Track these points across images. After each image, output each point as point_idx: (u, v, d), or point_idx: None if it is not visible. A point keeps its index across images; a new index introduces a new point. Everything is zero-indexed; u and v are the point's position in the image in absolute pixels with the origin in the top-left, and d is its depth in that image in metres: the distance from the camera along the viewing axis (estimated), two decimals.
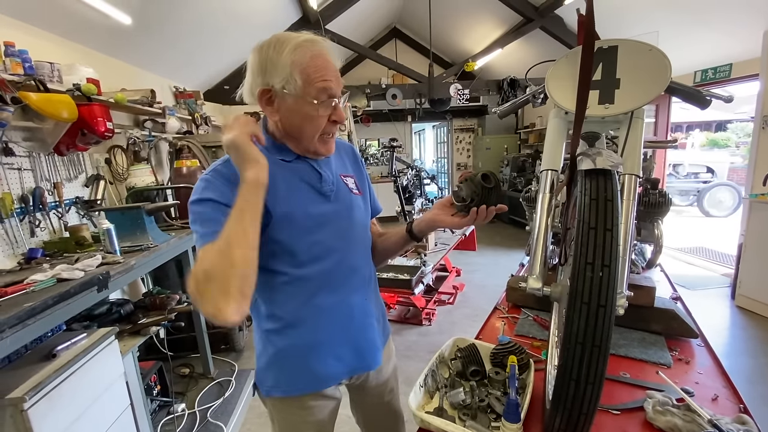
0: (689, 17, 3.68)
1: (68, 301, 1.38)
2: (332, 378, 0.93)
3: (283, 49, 0.77)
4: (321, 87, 0.78)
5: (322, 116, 0.81)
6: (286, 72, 0.76)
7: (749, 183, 3.53)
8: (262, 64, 0.79)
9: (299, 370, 0.89)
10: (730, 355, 2.65)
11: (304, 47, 0.77)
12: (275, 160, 0.84)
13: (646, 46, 0.94)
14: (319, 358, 0.90)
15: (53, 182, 2.12)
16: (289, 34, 0.80)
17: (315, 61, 0.78)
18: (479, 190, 0.82)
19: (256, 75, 0.80)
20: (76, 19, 2.34)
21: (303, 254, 0.84)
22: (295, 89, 0.77)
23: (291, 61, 0.76)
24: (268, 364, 0.91)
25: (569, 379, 0.61)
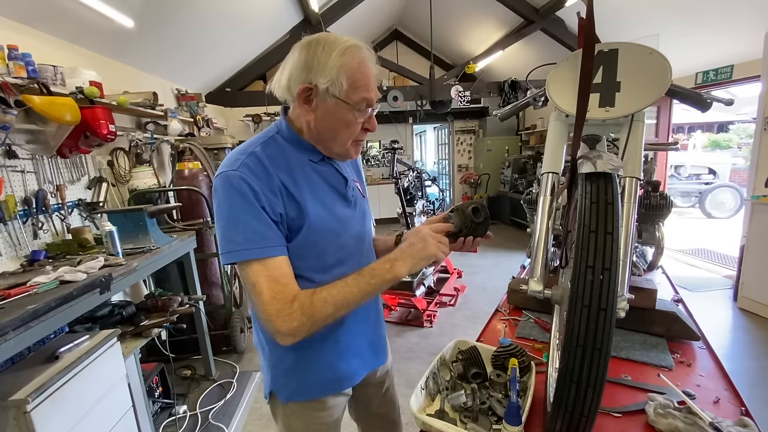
0: (690, 19, 3.68)
1: (71, 303, 1.38)
2: (355, 376, 0.96)
3: (333, 51, 0.76)
4: (364, 96, 0.78)
5: (358, 123, 0.81)
6: (333, 73, 0.75)
7: (751, 184, 3.52)
8: (308, 61, 0.77)
9: (324, 372, 0.90)
10: (732, 358, 2.65)
11: (352, 52, 0.77)
12: (302, 158, 0.84)
13: (646, 50, 0.94)
14: (344, 359, 0.92)
15: (56, 185, 2.13)
16: (337, 36, 0.80)
17: (361, 68, 0.78)
18: (468, 223, 0.86)
19: (300, 71, 0.77)
20: (79, 22, 2.35)
21: (330, 257, 0.85)
22: (340, 92, 0.77)
23: (340, 64, 0.75)
24: (290, 370, 0.90)
25: (570, 382, 0.61)
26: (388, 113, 7.49)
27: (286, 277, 0.75)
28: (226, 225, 0.74)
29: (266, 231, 0.74)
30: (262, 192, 0.74)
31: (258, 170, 0.76)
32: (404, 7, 6.80)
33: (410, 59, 7.48)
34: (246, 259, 0.73)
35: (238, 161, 0.76)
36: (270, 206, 0.75)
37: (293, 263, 0.80)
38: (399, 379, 2.35)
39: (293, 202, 0.79)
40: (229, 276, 3.09)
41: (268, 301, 0.72)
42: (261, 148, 0.80)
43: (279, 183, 0.77)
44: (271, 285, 0.73)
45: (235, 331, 2.88)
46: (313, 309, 0.73)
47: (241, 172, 0.74)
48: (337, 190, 0.89)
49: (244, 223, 0.73)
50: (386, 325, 1.13)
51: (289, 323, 0.72)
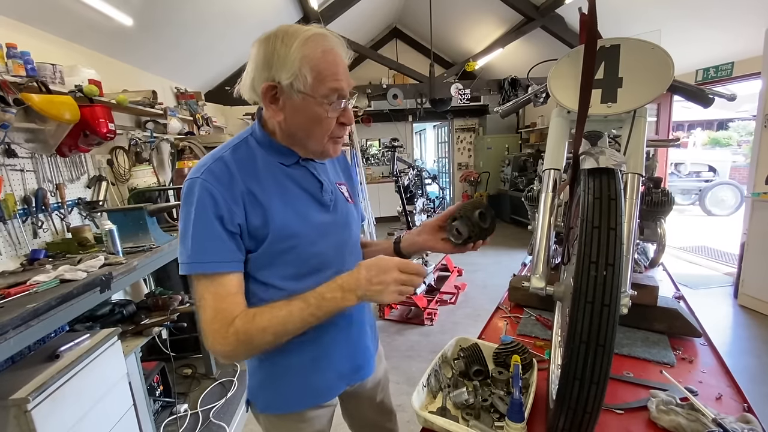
0: (691, 15, 3.67)
1: (71, 302, 1.38)
2: (332, 390, 0.93)
3: (292, 42, 0.70)
4: (332, 87, 0.72)
5: (331, 118, 0.75)
6: (295, 67, 0.70)
7: (751, 182, 3.52)
8: (267, 57, 0.71)
9: (299, 386, 0.87)
10: (733, 355, 2.65)
11: (315, 41, 0.71)
12: (273, 162, 0.79)
13: (648, 45, 0.93)
14: (320, 373, 0.88)
15: (56, 183, 2.12)
16: (298, 26, 0.73)
17: (326, 56, 0.71)
18: (477, 230, 0.85)
19: (261, 69, 0.72)
20: (78, 20, 2.34)
21: (302, 267, 0.80)
22: (305, 86, 0.71)
23: (301, 56, 0.70)
24: (263, 381, 0.87)
25: (573, 379, 0.61)
26: (387, 111, 7.48)
27: (231, 297, 0.72)
28: (181, 234, 0.72)
29: (218, 245, 0.71)
30: (224, 200, 0.71)
31: (222, 176, 0.72)
32: (404, 5, 6.78)
33: (410, 57, 7.47)
34: (193, 273, 0.71)
35: (203, 167, 0.73)
36: (229, 216, 0.71)
37: (262, 272, 0.78)
38: (400, 377, 2.36)
39: (259, 209, 0.74)
40: None
41: (208, 320, 0.70)
42: (230, 153, 0.77)
43: (244, 189, 0.73)
44: (215, 303, 0.70)
45: None
46: (249, 336, 0.69)
47: (203, 179, 0.71)
48: (312, 195, 0.83)
49: (196, 236, 0.70)
50: (386, 323, 1.13)
51: (224, 346, 0.70)
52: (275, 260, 0.77)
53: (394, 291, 0.70)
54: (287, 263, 0.78)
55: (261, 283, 0.79)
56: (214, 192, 0.70)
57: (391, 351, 2.88)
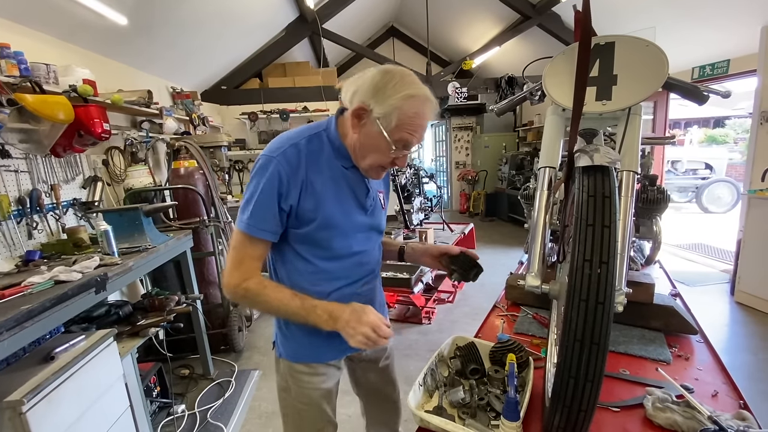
0: (686, 13, 3.68)
1: (66, 303, 1.37)
2: (337, 353, 1.05)
3: (401, 91, 0.83)
4: (403, 138, 0.87)
5: (389, 156, 0.89)
6: (390, 110, 0.83)
7: (748, 179, 3.53)
8: (377, 87, 0.84)
9: (308, 343, 1.01)
10: (730, 352, 2.66)
11: (414, 101, 0.84)
12: (335, 161, 0.93)
13: (643, 42, 0.93)
14: (328, 336, 0.99)
15: (50, 184, 2.11)
16: (414, 80, 0.87)
17: (415, 119, 0.86)
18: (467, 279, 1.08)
19: (367, 91, 0.85)
20: (72, 20, 2.33)
21: (332, 252, 0.95)
22: (386, 126, 0.85)
23: (398, 105, 0.83)
24: (284, 333, 1.04)
25: (568, 377, 0.61)
26: None
27: (254, 260, 0.90)
28: (246, 198, 0.88)
29: (269, 218, 0.87)
30: (287, 181, 0.86)
31: (292, 161, 0.87)
32: (400, 3, 6.77)
33: (407, 56, 7.46)
34: (242, 230, 0.88)
35: (280, 149, 0.88)
36: (286, 195, 0.86)
37: (300, 246, 0.94)
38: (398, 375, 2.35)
39: (313, 196, 0.89)
40: None
41: (229, 267, 0.89)
42: (305, 142, 0.90)
43: (305, 178, 0.88)
44: (242, 258, 0.89)
45: (233, 330, 2.87)
46: (253, 297, 0.89)
47: (278, 160, 0.86)
48: (357, 197, 0.97)
49: (257, 205, 0.86)
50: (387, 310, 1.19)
51: (233, 292, 0.89)
52: (313, 240, 0.93)
53: (359, 338, 0.83)
54: (321, 246, 0.94)
55: (297, 254, 0.95)
56: (282, 173, 0.85)
57: None
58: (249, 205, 0.87)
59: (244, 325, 3.12)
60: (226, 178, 4.52)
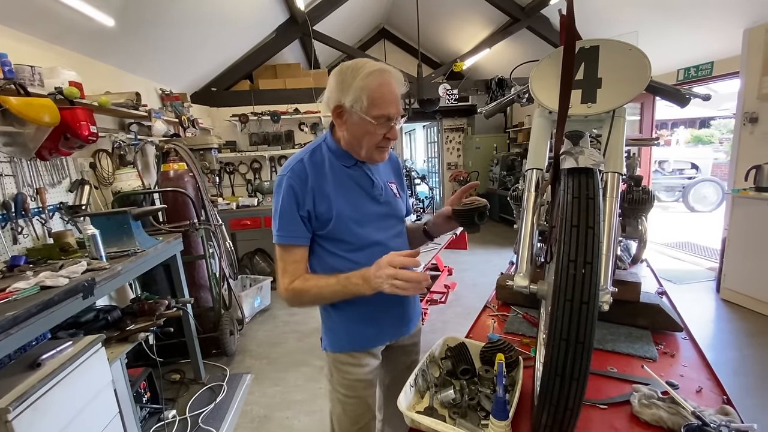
0: (671, 16, 3.75)
1: (52, 309, 1.35)
2: (377, 340, 1.16)
3: (358, 74, 0.93)
4: (381, 113, 0.95)
5: (379, 133, 0.98)
6: (357, 94, 0.93)
7: (731, 178, 3.61)
8: (339, 83, 0.95)
9: (351, 332, 1.12)
10: (715, 348, 2.71)
11: (374, 75, 0.93)
12: (337, 164, 1.05)
13: (626, 46, 0.95)
14: (371, 325, 1.13)
15: (36, 188, 2.08)
16: (366, 60, 0.97)
17: (381, 89, 0.94)
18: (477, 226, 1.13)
19: (334, 92, 0.97)
20: (58, 21, 2.30)
21: (356, 243, 1.06)
22: (361, 109, 0.94)
23: (362, 86, 0.92)
24: (329, 327, 1.15)
25: (554, 376, 0.62)
26: None
27: (296, 263, 1.03)
28: (274, 215, 1.03)
29: (294, 226, 1.01)
30: (301, 192, 0.99)
31: (302, 174, 1.01)
32: (391, 5, 6.79)
33: (398, 57, 7.48)
34: (277, 243, 1.03)
35: (289, 167, 1.02)
36: (302, 203, 1.00)
37: (329, 244, 1.06)
38: None
39: (325, 199, 1.01)
40: (218, 278, 3.06)
41: (280, 275, 1.03)
42: (309, 156, 1.04)
43: (314, 185, 1.00)
44: (284, 265, 1.03)
45: (224, 334, 2.85)
46: (299, 293, 1.01)
47: (289, 176, 1.00)
48: (364, 190, 1.08)
49: (281, 217, 1.01)
50: None
51: (285, 295, 1.03)
52: (335, 236, 1.04)
53: (387, 284, 0.90)
54: (344, 239, 1.05)
55: (327, 251, 1.07)
56: (294, 185, 0.99)
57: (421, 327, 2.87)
58: (275, 219, 1.02)
59: (236, 329, 3.10)
60: (216, 181, 4.49)
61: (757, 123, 3.35)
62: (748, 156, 3.41)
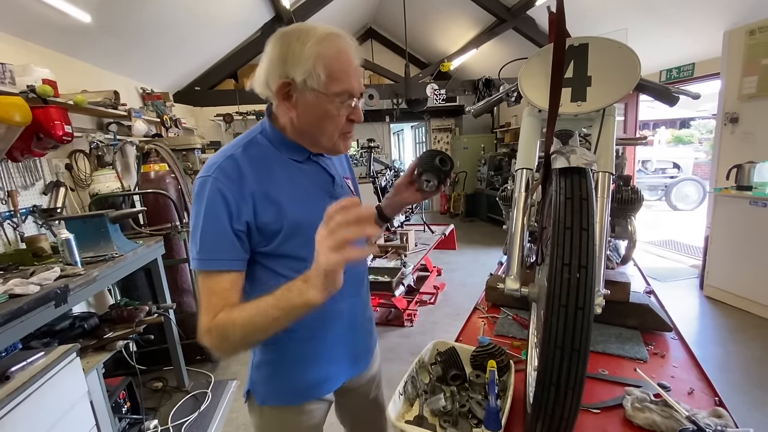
0: (654, 18, 3.80)
1: (21, 318, 1.28)
2: (333, 383, 0.94)
3: (308, 40, 0.72)
4: (344, 87, 0.75)
5: (342, 115, 0.77)
6: (309, 65, 0.71)
7: (713, 177, 3.68)
8: (283, 54, 0.73)
9: (300, 378, 0.89)
10: (701, 345, 2.75)
11: (329, 40, 0.73)
12: (285, 159, 0.81)
13: (615, 44, 0.94)
14: (321, 365, 0.90)
15: (7, 190, 1.98)
16: (313, 24, 0.76)
17: (340, 56, 0.74)
18: (441, 175, 0.91)
19: (276, 65, 0.74)
20: (30, 17, 2.20)
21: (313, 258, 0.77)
22: (318, 84, 0.72)
23: (316, 54, 0.71)
24: (266, 374, 0.89)
25: (549, 384, 0.59)
26: (364, 112, 7.44)
27: (223, 293, 0.72)
28: (192, 230, 0.75)
29: (224, 245, 0.73)
30: (233, 198, 0.72)
31: (233, 174, 0.74)
32: (378, 5, 6.76)
33: (385, 57, 7.45)
34: (199, 269, 0.73)
35: (214, 165, 0.75)
36: (237, 214, 0.73)
37: (276, 263, 0.79)
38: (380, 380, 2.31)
39: (271, 205, 0.76)
40: None
41: (200, 313, 0.72)
42: (242, 150, 0.78)
43: (255, 188, 0.75)
44: (207, 297, 0.72)
45: None
46: (224, 330, 0.68)
47: (215, 177, 0.73)
48: (324, 189, 0.86)
49: (206, 235, 0.72)
50: None
51: (207, 339, 0.70)
52: (289, 252, 0.79)
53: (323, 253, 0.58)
54: (299, 256, 0.79)
55: (274, 273, 0.80)
56: (224, 190, 0.72)
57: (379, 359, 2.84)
58: (196, 237, 0.73)
59: None
60: None
61: (737, 123, 3.42)
62: (729, 155, 3.48)
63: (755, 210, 3.01)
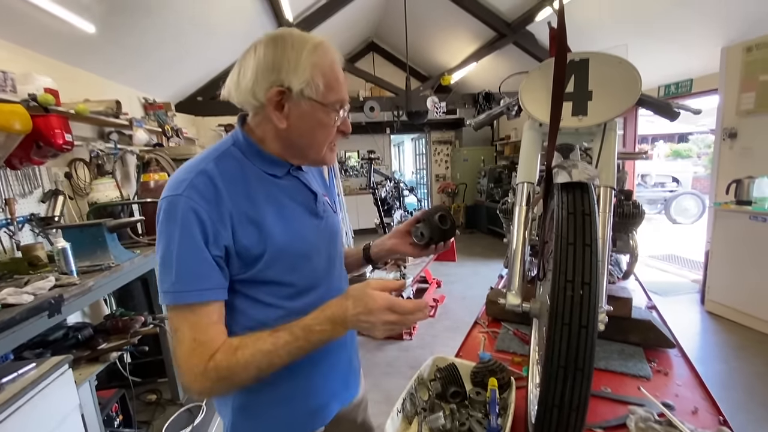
0: (653, 34, 3.86)
1: (13, 328, 1.26)
2: (327, 414, 0.85)
3: (303, 48, 0.68)
4: (339, 98, 0.73)
5: (335, 126, 0.75)
6: (307, 74, 0.68)
7: (713, 192, 3.69)
8: (276, 60, 0.68)
9: (293, 413, 0.80)
10: (703, 361, 2.71)
11: (323, 50, 0.71)
12: (263, 174, 0.74)
13: (616, 59, 0.94)
14: (314, 397, 0.82)
15: (4, 198, 1.97)
16: (301, 32, 0.73)
17: (334, 66, 0.72)
18: (437, 232, 0.90)
19: (267, 72, 0.68)
20: (33, 26, 2.22)
21: (300, 284, 0.76)
22: (316, 94, 0.69)
23: (312, 63, 0.68)
24: (250, 411, 0.78)
25: (552, 406, 0.57)
26: (365, 124, 7.50)
27: (213, 327, 0.66)
28: (162, 259, 0.65)
29: (203, 271, 0.64)
30: (210, 220, 0.64)
31: (208, 193, 0.65)
32: (380, 19, 6.87)
33: (386, 71, 7.54)
34: (174, 304, 0.64)
35: (184, 182, 0.65)
36: (215, 238, 0.65)
37: (258, 291, 0.72)
38: (378, 395, 2.28)
39: (251, 227, 0.69)
40: None
41: (185, 354, 0.64)
42: (214, 164, 0.69)
43: (232, 208, 0.67)
44: (195, 334, 0.64)
45: None
46: (231, 372, 0.63)
47: (187, 197, 0.64)
48: (307, 208, 0.80)
49: (181, 260, 0.63)
50: (364, 339, 1.07)
51: (203, 383, 0.63)
52: (272, 278, 0.72)
53: (383, 330, 0.66)
54: (283, 281, 0.73)
55: (256, 302, 0.72)
56: (199, 211, 0.64)
57: (371, 367, 2.80)
58: (170, 266, 0.63)
59: None
60: None
61: (736, 138, 3.44)
62: (728, 170, 3.49)
63: (755, 225, 3.01)
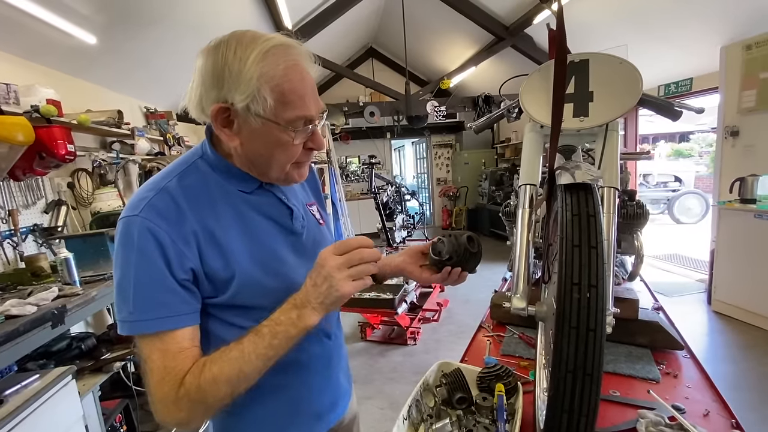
0: (652, 34, 3.86)
1: (17, 340, 1.26)
2: (322, 427, 0.81)
3: (248, 55, 0.58)
4: (298, 114, 0.61)
5: (297, 144, 0.63)
6: (252, 87, 0.57)
7: (716, 191, 3.67)
8: (217, 72, 0.59)
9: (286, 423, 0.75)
10: (712, 362, 2.68)
11: (275, 54, 0.59)
12: (231, 189, 0.67)
13: (616, 59, 0.94)
14: (299, 418, 0.76)
15: (8, 209, 1.98)
16: (254, 33, 0.62)
17: (290, 74, 0.60)
18: (461, 252, 0.74)
19: (209, 86, 0.60)
20: (35, 38, 2.24)
21: (276, 303, 0.65)
22: (265, 110, 0.59)
23: (259, 73, 0.58)
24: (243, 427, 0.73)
25: (561, 412, 0.56)
26: (365, 129, 7.52)
27: (185, 352, 0.59)
28: (118, 286, 0.59)
29: (163, 297, 0.58)
30: (171, 242, 0.58)
31: (168, 212, 0.59)
32: (379, 25, 6.91)
33: (386, 76, 7.57)
34: (139, 334, 0.58)
35: (143, 201, 0.59)
36: (179, 260, 0.59)
37: (230, 314, 0.66)
38: (383, 402, 2.26)
39: (217, 248, 0.62)
40: None
41: (155, 384, 0.57)
42: (177, 181, 0.63)
43: (196, 227, 0.61)
44: (164, 362, 0.58)
45: None
46: (201, 392, 0.56)
47: (143, 218, 0.58)
48: (280, 224, 0.72)
49: (139, 288, 0.57)
50: (368, 345, 1.05)
51: (176, 412, 0.58)
52: (245, 303, 0.66)
53: (342, 279, 0.57)
54: (257, 305, 0.66)
55: (229, 325, 0.66)
56: (157, 233, 0.57)
57: (374, 373, 2.78)
58: (125, 294, 0.57)
59: None
60: None
61: (738, 136, 3.43)
62: (730, 169, 3.47)
63: (760, 223, 2.98)
